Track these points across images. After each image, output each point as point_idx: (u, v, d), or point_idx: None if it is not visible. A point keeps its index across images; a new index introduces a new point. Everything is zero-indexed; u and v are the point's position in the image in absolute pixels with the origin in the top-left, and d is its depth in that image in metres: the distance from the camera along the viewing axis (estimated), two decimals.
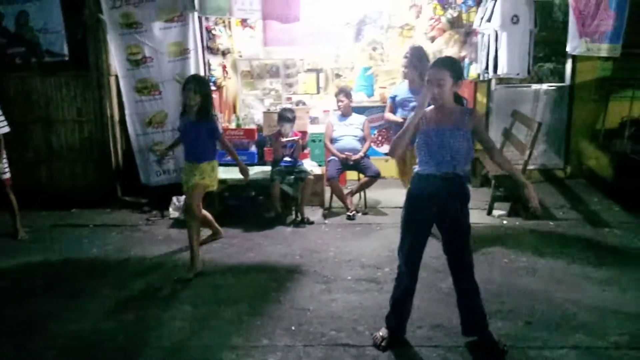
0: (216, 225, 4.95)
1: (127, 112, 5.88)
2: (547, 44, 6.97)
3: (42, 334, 3.36)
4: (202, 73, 5.80)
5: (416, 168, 3.03)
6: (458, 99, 2.97)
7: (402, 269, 3.11)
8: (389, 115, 5.19)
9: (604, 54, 5.52)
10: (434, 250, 3.22)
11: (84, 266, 4.50)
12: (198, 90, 4.21)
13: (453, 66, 2.91)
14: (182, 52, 5.75)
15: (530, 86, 6.95)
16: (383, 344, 3.11)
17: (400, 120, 4.85)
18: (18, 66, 5.95)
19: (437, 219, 3.02)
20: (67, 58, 5.89)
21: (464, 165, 2.92)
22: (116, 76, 5.92)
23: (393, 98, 5.15)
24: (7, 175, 5.05)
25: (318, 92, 7.37)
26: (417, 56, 4.92)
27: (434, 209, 2.97)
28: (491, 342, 3.05)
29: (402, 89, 5.13)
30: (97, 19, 5.82)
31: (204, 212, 4.77)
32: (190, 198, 4.32)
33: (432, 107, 3.00)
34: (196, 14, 5.68)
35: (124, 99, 5.86)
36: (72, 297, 3.87)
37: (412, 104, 4.83)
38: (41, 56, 5.91)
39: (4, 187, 5.03)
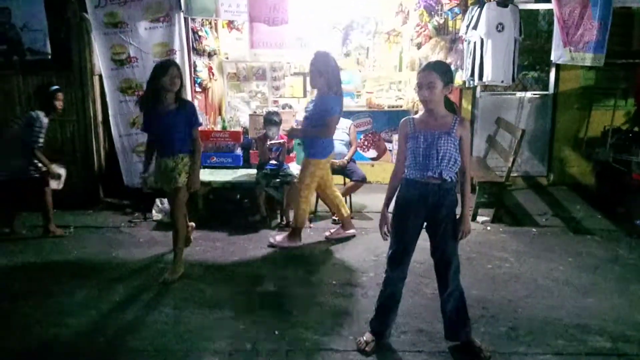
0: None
1: (110, 112, 5.81)
2: (531, 52, 7.06)
3: (20, 336, 3.28)
4: (187, 74, 5.75)
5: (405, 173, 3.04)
6: (449, 105, 2.98)
7: (389, 274, 3.10)
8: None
9: (587, 63, 5.60)
10: (418, 255, 3.22)
11: (64, 268, 4.42)
12: (180, 73, 3.96)
13: (443, 70, 2.91)
14: (168, 53, 5.70)
15: (514, 94, 7.02)
16: (367, 348, 3.09)
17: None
18: None
19: (426, 224, 3.03)
20: (49, 57, 5.80)
21: (450, 170, 2.92)
22: (100, 76, 5.84)
23: None
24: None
25: (305, 96, 7.35)
26: (322, 62, 4.56)
27: (422, 214, 2.97)
28: (474, 348, 3.06)
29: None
30: (81, 18, 5.75)
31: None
32: (174, 204, 4.14)
33: (421, 112, 3.01)
34: (182, 15, 5.65)
35: (108, 99, 5.80)
36: (51, 299, 3.79)
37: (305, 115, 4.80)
38: (23, 54, 5.81)
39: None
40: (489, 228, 5.37)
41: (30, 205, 5.21)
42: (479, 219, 5.55)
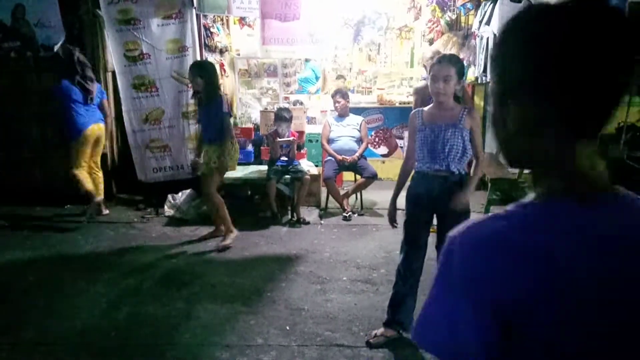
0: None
1: (123, 108, 5.85)
2: None
3: (34, 330, 3.33)
4: None
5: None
6: (456, 97, 2.98)
7: (399, 266, 3.12)
8: None
9: None
10: (431, 252, 3.21)
11: (77, 263, 4.47)
12: (198, 74, 4.49)
13: (458, 63, 2.93)
14: (180, 50, 5.72)
15: None
16: (371, 340, 3.12)
17: None
18: (13, 60, 5.89)
19: (436, 217, 3.03)
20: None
21: (458, 163, 2.91)
22: (113, 72, 5.89)
23: None
24: None
25: (315, 92, 7.36)
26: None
27: (430, 206, 2.98)
28: None
29: None
30: (94, 15, 5.79)
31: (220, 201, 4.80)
32: (203, 185, 4.68)
33: (431, 105, 3.01)
34: (194, 11, 5.67)
35: (121, 95, 5.83)
36: (64, 293, 3.84)
37: None
38: (37, 51, 5.87)
39: None
40: None
41: None
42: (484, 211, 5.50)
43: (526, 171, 5.58)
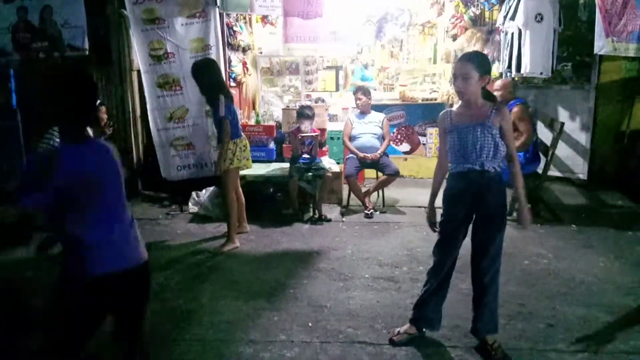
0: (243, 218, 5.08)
1: (148, 107, 5.93)
2: (571, 43, 6.86)
3: None
4: (222, 69, 5.82)
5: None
6: (487, 95, 2.91)
7: (431, 266, 3.11)
8: None
9: (631, 53, 5.42)
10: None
11: None
12: (192, 76, 4.69)
13: (479, 60, 2.84)
14: (204, 48, 5.77)
15: (553, 86, 6.84)
16: (395, 338, 3.13)
17: None
18: (41, 61, 6.01)
19: (474, 216, 2.98)
20: (87, 53, 5.96)
21: (492, 161, 2.85)
22: (138, 71, 5.97)
23: None
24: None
25: (337, 90, 7.36)
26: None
27: (467, 205, 2.93)
28: (487, 347, 3.00)
29: None
30: (120, 15, 5.88)
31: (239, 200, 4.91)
32: (221, 184, 4.81)
33: (459, 104, 2.97)
34: (217, 10, 5.71)
35: (146, 94, 5.91)
36: None
37: None
38: (63, 50, 5.98)
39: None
40: None
41: None
42: (515, 214, 5.43)
43: (553, 168, 5.49)
